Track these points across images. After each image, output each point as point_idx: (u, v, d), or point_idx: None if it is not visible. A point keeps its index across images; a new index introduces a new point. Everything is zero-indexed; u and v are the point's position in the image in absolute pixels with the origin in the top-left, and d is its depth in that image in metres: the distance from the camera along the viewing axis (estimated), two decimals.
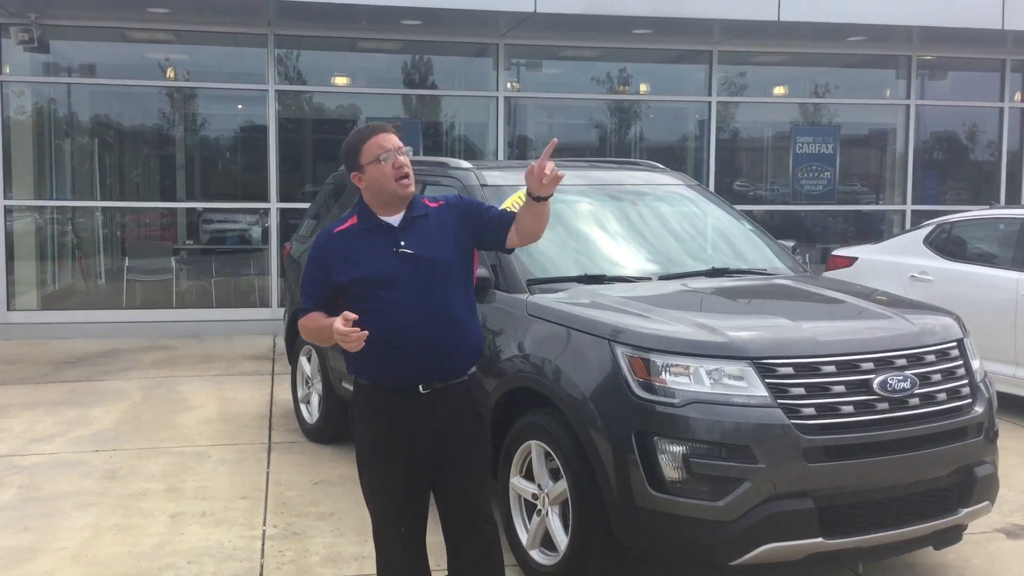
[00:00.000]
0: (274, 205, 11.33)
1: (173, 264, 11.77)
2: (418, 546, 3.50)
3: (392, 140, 3.31)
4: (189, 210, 12.32)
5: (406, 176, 3.29)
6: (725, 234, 5.75)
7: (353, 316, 3.11)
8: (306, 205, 9.18)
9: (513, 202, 5.11)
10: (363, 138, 3.32)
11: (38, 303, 11.40)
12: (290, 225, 10.83)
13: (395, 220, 3.33)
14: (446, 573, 3.62)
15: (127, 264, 11.54)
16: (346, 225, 3.39)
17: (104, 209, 11.95)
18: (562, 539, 4.23)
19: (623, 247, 5.31)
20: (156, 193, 12.61)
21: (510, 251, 3.58)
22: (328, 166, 9.97)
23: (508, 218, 3.42)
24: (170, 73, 11.69)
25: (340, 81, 12.25)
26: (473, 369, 3.47)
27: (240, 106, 12.41)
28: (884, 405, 3.97)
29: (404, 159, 3.29)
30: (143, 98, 11.94)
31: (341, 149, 3.39)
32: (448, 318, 3.29)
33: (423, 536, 3.51)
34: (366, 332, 3.10)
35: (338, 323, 3.10)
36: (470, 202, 3.51)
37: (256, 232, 12.18)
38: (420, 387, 3.30)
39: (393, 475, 3.37)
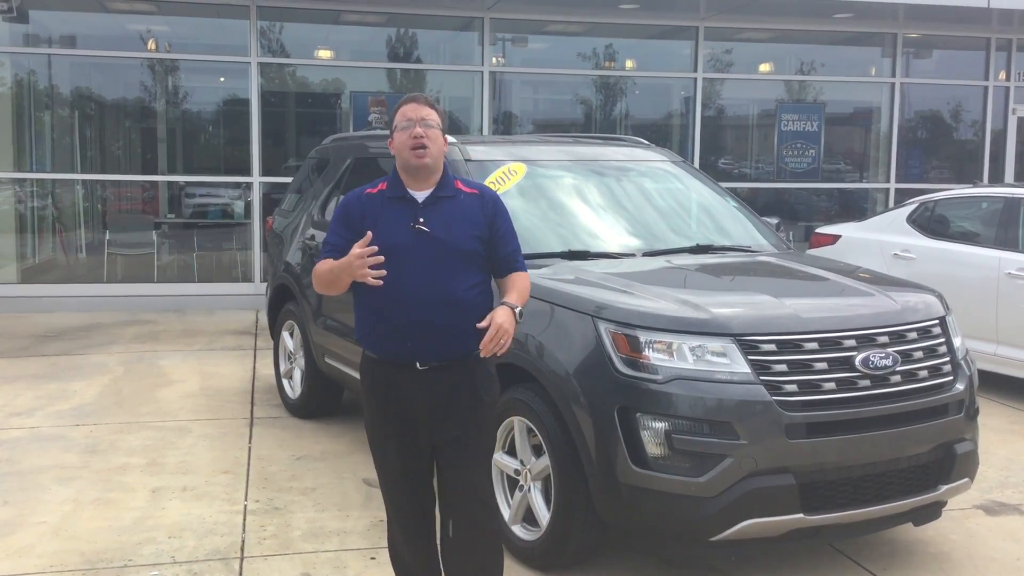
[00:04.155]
0: (257, 179, 11.24)
1: (155, 238, 11.70)
2: (424, 518, 3.50)
3: (418, 111, 3.32)
4: (171, 184, 12.23)
5: (421, 147, 3.29)
6: (709, 211, 5.74)
7: (370, 246, 3.13)
8: (289, 179, 9.12)
9: (498, 177, 5.12)
10: (398, 106, 3.40)
11: (18, 276, 11.31)
12: (273, 199, 10.75)
13: (421, 195, 3.35)
14: None
15: (108, 238, 11.45)
16: (376, 189, 3.42)
17: (85, 182, 11.84)
18: (544, 515, 4.23)
19: (607, 223, 5.29)
20: (137, 166, 12.50)
21: None
22: (311, 140, 9.88)
23: (511, 267, 3.43)
24: (151, 45, 11.54)
25: (324, 54, 12.13)
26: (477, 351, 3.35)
27: (222, 79, 12.30)
28: (866, 382, 3.98)
29: (421, 131, 3.29)
30: (124, 70, 11.80)
31: None
32: (451, 300, 3.26)
33: (431, 508, 3.51)
34: (382, 258, 3.12)
35: (356, 247, 3.13)
36: (503, 219, 3.44)
37: (238, 206, 12.11)
38: (417, 364, 3.31)
39: (394, 448, 3.40)
